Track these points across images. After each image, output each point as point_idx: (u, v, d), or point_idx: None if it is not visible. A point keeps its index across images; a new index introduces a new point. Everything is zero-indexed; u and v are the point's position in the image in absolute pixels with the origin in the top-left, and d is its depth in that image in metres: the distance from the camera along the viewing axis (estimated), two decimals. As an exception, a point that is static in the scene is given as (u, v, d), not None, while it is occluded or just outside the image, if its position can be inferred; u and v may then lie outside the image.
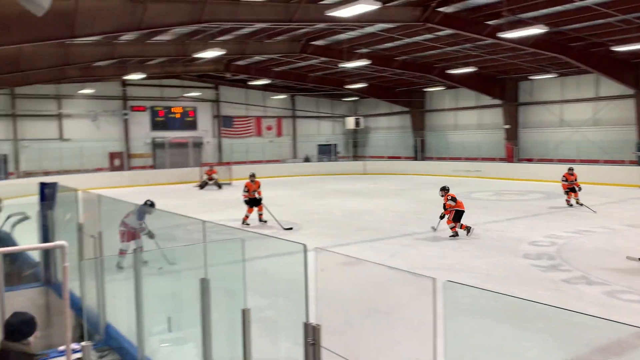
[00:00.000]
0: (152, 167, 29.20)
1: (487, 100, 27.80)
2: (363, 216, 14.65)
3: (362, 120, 34.91)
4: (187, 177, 26.34)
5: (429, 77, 25.62)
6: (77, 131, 27.14)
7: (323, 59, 22.92)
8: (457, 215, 11.50)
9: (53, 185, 7.57)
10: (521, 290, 7.40)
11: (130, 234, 7.59)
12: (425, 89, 30.47)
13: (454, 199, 11.61)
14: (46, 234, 7.17)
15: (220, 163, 29.65)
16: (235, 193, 21.32)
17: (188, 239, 6.85)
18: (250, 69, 25.67)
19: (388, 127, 35.20)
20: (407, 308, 2.63)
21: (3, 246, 5.56)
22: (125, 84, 28.42)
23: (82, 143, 26.56)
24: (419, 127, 32.15)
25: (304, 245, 2.92)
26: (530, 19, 15.92)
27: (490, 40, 17.63)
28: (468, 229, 11.41)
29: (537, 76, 24.49)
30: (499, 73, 25.54)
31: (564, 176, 15.53)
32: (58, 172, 25.48)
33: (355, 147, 36.92)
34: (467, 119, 30.00)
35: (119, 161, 28.56)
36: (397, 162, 31.16)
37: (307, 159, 33.23)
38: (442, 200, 12.05)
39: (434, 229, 11.73)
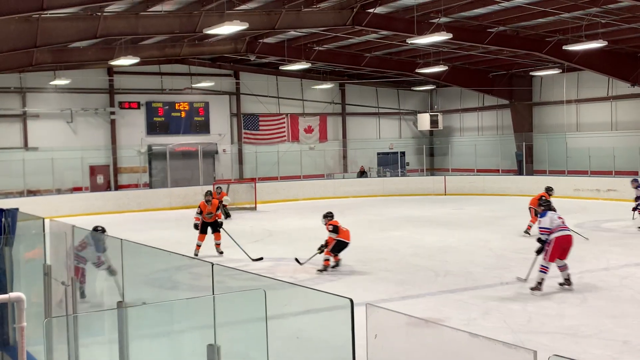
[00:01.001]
0: (148, 185, 29.83)
1: (623, 88, 27.20)
2: (443, 255, 14.48)
3: (440, 118, 34.76)
4: (195, 199, 26.72)
5: (538, 56, 25.28)
6: (47, 137, 28.09)
7: (384, 32, 22.96)
8: (338, 247, 13.18)
9: (12, 213, 7.83)
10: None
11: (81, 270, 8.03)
12: (533, 73, 30.12)
13: (336, 228, 13.29)
14: (0, 280, 7.41)
15: (240, 179, 30.06)
16: (261, 221, 21.56)
17: (194, 286, 6.93)
18: (283, 48, 26.05)
19: (479, 127, 34.85)
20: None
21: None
22: (112, 72, 29.32)
23: (54, 153, 27.46)
24: (524, 127, 31.73)
25: (350, 300, 2.90)
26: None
27: (627, 2, 17.28)
28: (336, 264, 13.09)
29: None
30: (640, 48, 24.99)
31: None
32: (20, 194, 26.37)
33: (432, 156, 36.72)
34: (594, 116, 29.40)
35: (103, 178, 29.35)
36: (493, 178, 30.79)
37: (362, 174, 33.25)
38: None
39: (524, 280, 11.41)
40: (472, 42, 23.42)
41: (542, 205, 11.66)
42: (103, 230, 10.38)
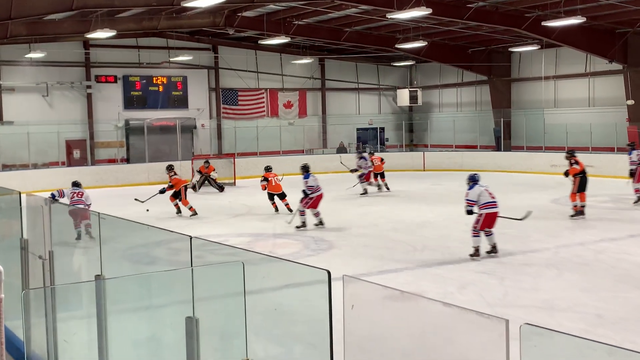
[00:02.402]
0: (126, 160, 29.68)
1: (601, 64, 27.38)
2: (421, 230, 14.61)
3: (420, 93, 34.82)
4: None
5: (517, 32, 25.34)
6: (22, 111, 27.79)
7: (364, 7, 22.88)
8: (270, 196, 17.22)
9: (-12, 186, 7.78)
10: (648, 339, 7.29)
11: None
12: (511, 49, 30.20)
13: (266, 179, 17.22)
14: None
15: (219, 155, 29.98)
16: (239, 197, 21.56)
17: (173, 261, 6.94)
18: (262, 22, 25.88)
19: (458, 103, 34.97)
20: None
21: None
22: (88, 45, 28.98)
23: (29, 127, 27.19)
24: (502, 103, 31.88)
25: (328, 272, 2.93)
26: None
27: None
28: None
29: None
30: (618, 25, 25.10)
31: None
32: (-4, 168, 26.15)
33: (411, 132, 36.83)
34: (572, 92, 29.60)
35: (80, 152, 29.14)
36: (471, 154, 30.97)
37: (341, 149, 33.28)
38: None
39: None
40: (452, 18, 23.42)
41: (470, 179, 12.22)
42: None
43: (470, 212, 11.73)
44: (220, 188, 23.72)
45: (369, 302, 2.84)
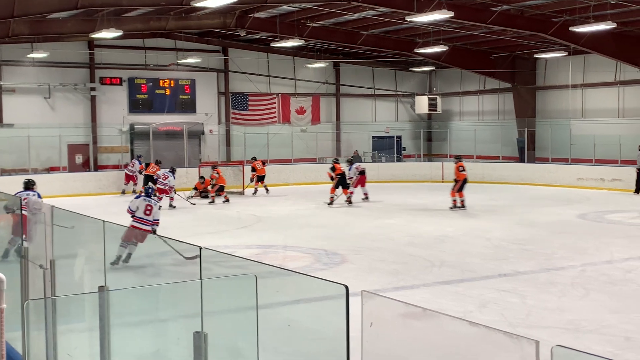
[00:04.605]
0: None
1: (632, 72, 27.26)
2: (439, 245, 14.56)
3: (439, 101, 34.76)
4: (179, 182, 26.69)
5: (544, 38, 25.29)
6: (23, 113, 27.94)
7: (382, 9, 22.90)
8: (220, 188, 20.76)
9: (-12, 191, 7.82)
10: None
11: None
12: (537, 56, 30.14)
13: (217, 173, 21.45)
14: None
15: (227, 162, 30.02)
16: (248, 207, 21.58)
17: (179, 272, 6.96)
18: (275, 24, 25.96)
19: (479, 112, 34.88)
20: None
21: None
22: (92, 45, 29.16)
23: (30, 130, 27.33)
24: (526, 112, 31.78)
25: (345, 287, 2.92)
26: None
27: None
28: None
29: None
30: (651, 31, 25.02)
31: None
32: (-5, 172, 26.28)
33: (430, 141, 36.75)
34: (601, 101, 29.46)
35: (82, 157, 29.27)
36: (493, 165, 30.87)
37: (356, 158, 33.25)
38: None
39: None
40: (474, 22, 23.37)
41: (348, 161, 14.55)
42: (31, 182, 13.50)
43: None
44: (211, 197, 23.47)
45: (388, 320, 2.83)
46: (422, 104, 34.94)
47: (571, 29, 21.99)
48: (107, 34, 22.45)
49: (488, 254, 13.62)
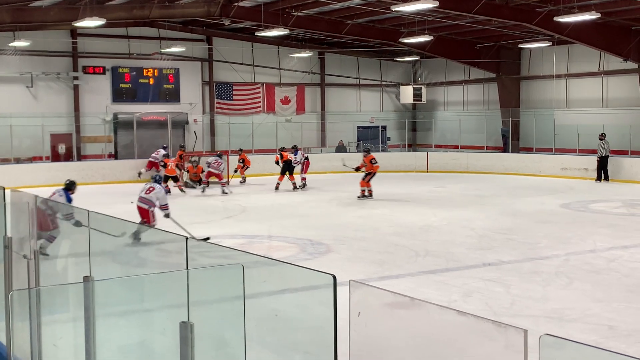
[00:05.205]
0: (113, 156, 29.63)
1: (616, 62, 27.41)
2: (424, 235, 14.61)
3: (424, 91, 34.81)
4: (163, 172, 26.66)
5: (528, 28, 25.36)
6: (5, 102, 27.73)
7: (368, -2, 22.85)
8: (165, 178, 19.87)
9: (-30, 181, 7.75)
10: (663, 353, 7.30)
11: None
12: (521, 46, 30.22)
13: (165, 165, 21.87)
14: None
15: (212, 152, 29.93)
16: (233, 197, 21.56)
17: (164, 263, 6.94)
18: (259, 13, 25.86)
19: (464, 102, 34.98)
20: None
21: None
22: (75, 34, 28.95)
23: (12, 120, 27.14)
24: (511, 102, 31.90)
25: (333, 277, 2.92)
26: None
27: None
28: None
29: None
30: (634, 22, 25.12)
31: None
32: (-23, 162, 26.09)
33: (414, 131, 36.82)
34: (585, 91, 29.62)
35: (65, 147, 29.09)
36: (477, 155, 30.99)
37: (341, 148, 33.31)
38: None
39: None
40: (459, 11, 23.39)
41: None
42: (73, 183, 13.43)
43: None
44: (192, 185, 23.85)
45: (376, 309, 2.84)
46: (407, 93, 34.99)
47: (555, 19, 22.06)
48: (90, 23, 22.28)
49: (472, 243, 13.68)
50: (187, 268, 4.07)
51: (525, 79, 32.10)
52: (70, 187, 13.36)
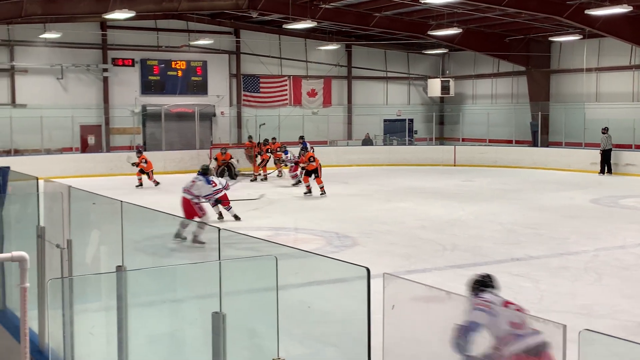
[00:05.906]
0: (142, 147, 29.84)
1: (648, 56, 27.10)
2: (451, 229, 14.58)
3: (452, 84, 34.62)
4: (191, 164, 26.80)
5: (558, 21, 25.12)
6: (36, 93, 28.05)
7: (396, -9, 22.77)
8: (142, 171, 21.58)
9: (2, 171, 7.88)
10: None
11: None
12: (551, 39, 29.94)
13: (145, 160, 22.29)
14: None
15: (239, 145, 30.05)
16: (259, 189, 21.60)
17: (195, 255, 7.00)
18: (287, 5, 25.85)
19: (492, 95, 34.73)
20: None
21: None
22: (105, 26, 29.17)
23: (43, 111, 27.43)
24: (540, 96, 31.63)
25: (367, 270, 2.93)
26: None
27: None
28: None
29: None
30: (667, 15, 24.81)
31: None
32: (7, 153, 26.41)
33: (442, 124, 36.65)
34: (616, 85, 29.29)
35: (95, 138, 29.36)
36: (506, 149, 30.78)
37: (367, 141, 33.25)
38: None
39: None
40: (489, 4, 23.25)
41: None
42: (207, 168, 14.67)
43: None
44: (233, 176, 23.96)
45: (410, 303, 2.85)
46: (434, 86, 34.81)
47: (586, 12, 21.83)
48: (119, 15, 22.49)
49: (500, 238, 13.63)
50: (219, 259, 4.10)
51: (555, 73, 31.79)
52: (206, 171, 14.20)
